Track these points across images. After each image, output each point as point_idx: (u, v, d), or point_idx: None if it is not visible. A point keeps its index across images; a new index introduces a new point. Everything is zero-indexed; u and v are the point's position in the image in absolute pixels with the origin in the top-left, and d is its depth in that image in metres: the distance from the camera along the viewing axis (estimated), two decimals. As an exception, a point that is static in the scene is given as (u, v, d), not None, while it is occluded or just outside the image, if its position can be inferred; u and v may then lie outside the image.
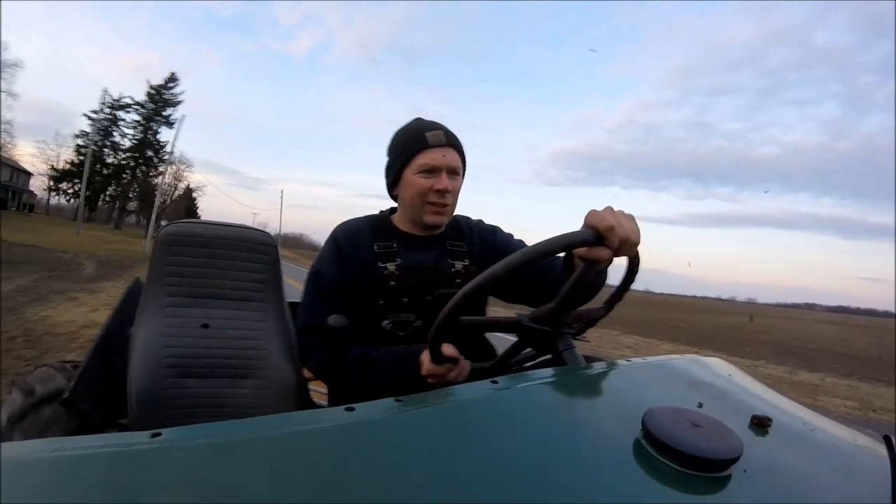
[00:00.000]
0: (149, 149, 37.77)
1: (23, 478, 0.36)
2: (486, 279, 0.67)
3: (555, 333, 0.78)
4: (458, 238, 1.14)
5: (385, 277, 1.04)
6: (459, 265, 1.09)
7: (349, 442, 0.43)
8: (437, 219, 1.06)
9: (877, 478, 0.48)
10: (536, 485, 0.40)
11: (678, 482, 0.42)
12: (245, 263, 1.24)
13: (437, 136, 1.04)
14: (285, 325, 1.26)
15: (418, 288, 1.05)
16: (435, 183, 1.03)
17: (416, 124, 1.09)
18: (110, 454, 0.39)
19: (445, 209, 1.06)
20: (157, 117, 37.55)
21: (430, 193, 1.03)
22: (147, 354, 1.13)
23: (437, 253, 1.10)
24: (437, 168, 1.03)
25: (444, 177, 1.03)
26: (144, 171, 37.85)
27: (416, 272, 1.06)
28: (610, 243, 0.68)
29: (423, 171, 1.03)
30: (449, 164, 1.04)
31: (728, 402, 0.60)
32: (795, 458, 0.50)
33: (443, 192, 1.03)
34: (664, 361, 0.72)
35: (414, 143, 1.05)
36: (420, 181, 1.03)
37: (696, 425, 0.46)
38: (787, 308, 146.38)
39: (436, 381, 0.87)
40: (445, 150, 1.04)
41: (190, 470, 0.38)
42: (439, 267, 1.08)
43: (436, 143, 1.03)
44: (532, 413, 0.51)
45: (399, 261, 1.06)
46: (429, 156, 1.03)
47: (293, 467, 0.39)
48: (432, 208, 1.05)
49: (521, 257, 0.65)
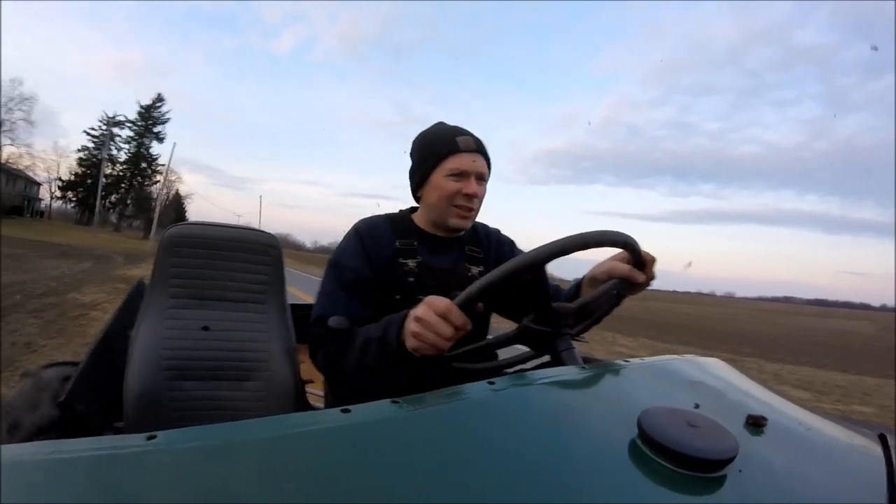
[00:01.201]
0: (143, 161, 43.98)
1: (18, 480, 0.36)
2: (541, 254, 0.70)
3: (555, 334, 0.78)
4: (475, 244, 1.16)
5: (405, 273, 1.05)
6: (475, 270, 1.11)
7: (345, 444, 0.43)
8: (463, 222, 1.08)
9: (872, 477, 0.48)
10: (533, 485, 0.40)
11: (674, 482, 0.42)
12: (248, 265, 1.24)
13: (468, 141, 1.06)
14: (287, 328, 1.26)
15: (435, 288, 1.03)
16: (464, 187, 1.04)
17: (445, 128, 1.11)
18: (106, 457, 0.39)
19: (471, 213, 1.08)
20: (148, 133, 43.64)
21: (458, 197, 1.05)
22: (146, 356, 1.12)
23: (455, 256, 1.12)
24: (467, 172, 1.05)
25: (472, 181, 1.05)
26: (139, 181, 44.15)
27: (435, 272, 1.08)
28: (648, 273, 0.80)
29: (453, 174, 1.05)
30: (478, 169, 1.06)
31: (724, 402, 0.60)
32: (791, 458, 0.50)
33: (471, 196, 1.05)
34: (661, 362, 0.72)
35: (444, 147, 1.06)
36: (450, 184, 1.05)
37: (692, 425, 0.46)
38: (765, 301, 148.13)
39: (425, 328, 0.77)
40: (475, 155, 1.06)
41: (185, 473, 0.38)
42: (456, 270, 1.10)
43: (466, 148, 1.05)
44: (529, 414, 0.51)
45: (419, 258, 1.08)
46: (459, 160, 1.05)
47: (289, 470, 0.39)
48: (458, 211, 1.07)
49: (566, 244, 0.69)
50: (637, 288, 0.86)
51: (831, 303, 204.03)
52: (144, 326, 1.15)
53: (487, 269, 1.10)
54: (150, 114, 43.46)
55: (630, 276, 0.81)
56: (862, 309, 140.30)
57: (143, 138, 43.52)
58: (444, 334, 0.76)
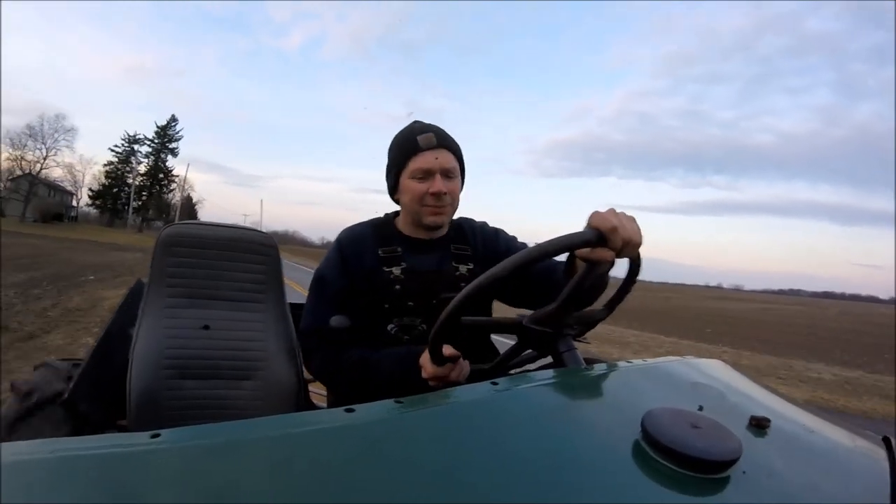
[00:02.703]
0: (160, 172, 52.97)
1: (21, 478, 0.36)
2: (486, 280, 0.66)
3: (556, 335, 0.78)
4: (462, 241, 1.13)
5: (391, 282, 1.04)
6: (463, 268, 1.09)
7: (349, 443, 0.43)
8: (437, 219, 1.06)
9: (876, 479, 0.48)
10: (536, 486, 0.40)
11: (677, 483, 0.42)
12: (245, 265, 1.24)
13: (429, 139, 1.03)
14: (286, 327, 1.26)
15: (423, 292, 1.04)
16: (430, 187, 1.02)
17: (411, 128, 1.08)
18: (109, 455, 0.39)
19: (444, 209, 1.06)
20: (164, 149, 52.71)
21: (427, 197, 1.03)
22: (147, 355, 1.13)
23: (440, 256, 1.10)
24: (431, 171, 1.02)
25: (438, 180, 1.02)
26: (158, 190, 53.31)
27: (421, 276, 1.06)
28: (612, 244, 0.68)
29: (417, 175, 1.03)
30: (442, 165, 1.03)
31: (727, 404, 0.60)
32: (794, 460, 0.50)
33: (438, 195, 1.02)
34: (664, 363, 0.72)
35: (406, 148, 1.05)
36: (415, 186, 1.03)
37: (696, 427, 0.46)
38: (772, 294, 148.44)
39: (437, 382, 0.87)
40: (437, 152, 1.03)
41: (189, 471, 0.38)
42: (443, 271, 1.08)
43: (427, 146, 1.03)
44: (532, 415, 0.51)
45: (404, 265, 1.06)
46: (421, 160, 1.03)
47: (293, 469, 0.39)
48: (430, 209, 1.04)
49: (522, 258, 0.65)
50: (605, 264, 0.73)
51: (838, 295, 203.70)
52: (145, 325, 1.15)
53: (476, 266, 1.10)
54: (166, 132, 52.28)
55: (590, 257, 0.70)
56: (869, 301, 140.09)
57: (160, 154, 52.63)
58: (449, 378, 0.85)
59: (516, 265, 0.65)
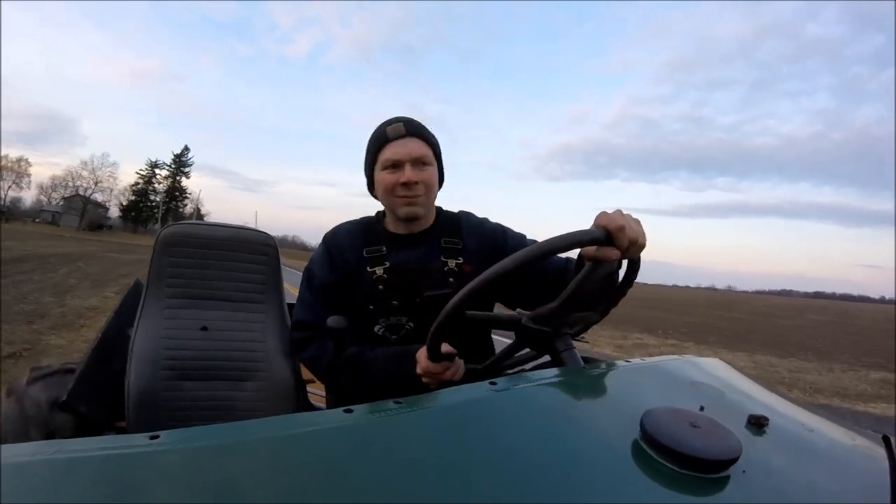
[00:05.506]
0: (177, 191, 66.51)
1: (21, 480, 0.36)
2: (493, 274, 0.66)
3: (554, 334, 0.78)
4: (453, 235, 1.10)
5: (373, 282, 1.03)
6: (453, 263, 1.06)
7: (348, 444, 0.43)
8: (410, 210, 1.04)
9: (875, 478, 0.48)
10: (535, 485, 0.40)
11: (677, 483, 0.42)
12: (245, 265, 1.23)
13: (397, 128, 1.03)
14: (285, 327, 1.25)
15: (407, 290, 1.03)
16: (399, 176, 1.01)
17: (383, 122, 1.07)
18: (108, 456, 0.39)
19: (417, 199, 1.03)
20: (179, 173, 66.36)
21: (398, 188, 1.02)
22: (146, 356, 1.12)
23: (426, 251, 1.07)
24: (400, 161, 1.01)
25: (407, 168, 1.01)
26: (175, 205, 65.66)
27: (405, 274, 1.04)
28: (619, 243, 0.69)
29: (388, 166, 1.02)
30: (411, 153, 1.01)
31: (725, 403, 0.60)
32: (794, 459, 0.50)
33: (408, 184, 1.01)
34: (661, 362, 0.72)
35: (376, 140, 1.04)
36: (386, 177, 1.02)
37: (695, 426, 0.46)
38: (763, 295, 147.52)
39: (431, 379, 0.87)
40: (406, 140, 1.02)
41: (188, 472, 0.38)
42: (429, 266, 1.05)
43: (395, 135, 1.02)
44: (531, 414, 0.51)
45: (388, 264, 1.05)
46: (390, 150, 1.02)
47: (292, 469, 0.39)
48: (402, 200, 1.03)
49: (530, 253, 0.64)
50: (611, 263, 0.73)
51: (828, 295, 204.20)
52: (143, 326, 1.15)
53: (467, 261, 1.08)
54: (180, 160, 66.49)
55: (596, 255, 0.70)
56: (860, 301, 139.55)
57: (175, 176, 66.29)
58: (444, 376, 0.86)
59: (524, 260, 0.64)
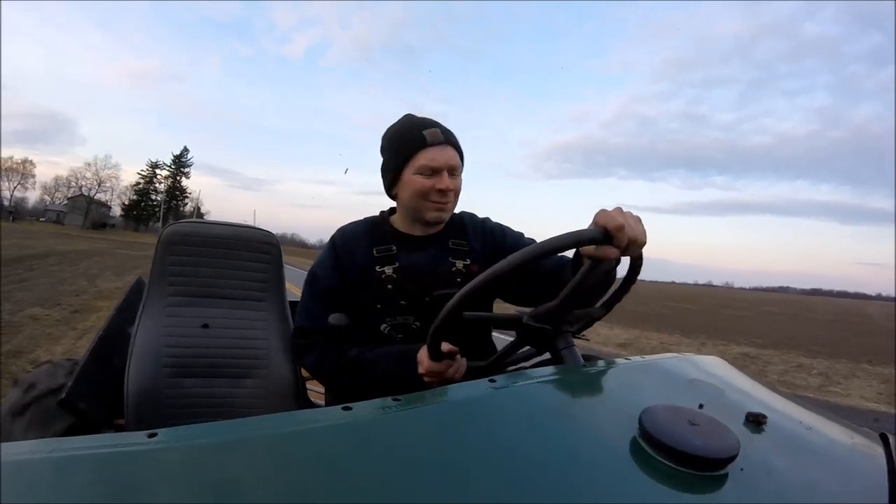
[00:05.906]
0: (177, 190, 67.12)
1: (20, 478, 0.36)
2: (490, 275, 0.66)
3: (555, 331, 0.78)
4: (460, 236, 1.11)
5: (382, 281, 1.03)
6: (460, 264, 1.07)
7: (346, 441, 0.43)
8: (440, 215, 1.05)
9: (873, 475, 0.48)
10: (534, 483, 0.40)
11: (675, 481, 0.42)
12: (247, 263, 1.23)
13: (435, 134, 1.02)
14: (286, 325, 1.25)
15: (416, 290, 1.04)
16: (436, 182, 1.01)
17: (412, 121, 1.06)
18: (107, 454, 0.39)
19: (447, 205, 1.05)
20: (179, 173, 66.92)
21: (433, 193, 1.02)
22: (146, 354, 1.12)
23: (436, 252, 1.08)
24: (438, 168, 1.01)
25: (445, 176, 1.01)
26: (175, 205, 65.94)
27: (414, 274, 1.05)
28: (618, 242, 0.68)
29: (425, 171, 1.01)
30: (449, 162, 1.02)
31: (724, 401, 0.60)
32: (792, 457, 0.50)
33: (444, 191, 1.02)
34: (661, 360, 0.72)
35: (412, 142, 1.03)
36: (421, 181, 1.02)
37: (693, 424, 0.46)
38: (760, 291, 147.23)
39: (433, 378, 0.87)
40: (444, 148, 1.02)
41: (187, 470, 0.38)
42: (438, 267, 1.06)
43: (434, 141, 1.01)
44: (530, 412, 0.51)
45: (397, 263, 1.05)
46: (428, 155, 1.01)
47: (290, 467, 0.39)
48: (434, 205, 1.03)
49: (528, 254, 0.64)
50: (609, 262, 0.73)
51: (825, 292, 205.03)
52: (144, 324, 1.15)
53: (474, 261, 1.08)
54: (180, 160, 67.05)
55: (595, 254, 0.70)
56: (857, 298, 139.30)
57: (176, 177, 66.87)
58: (446, 375, 0.86)
59: (522, 261, 0.64)
